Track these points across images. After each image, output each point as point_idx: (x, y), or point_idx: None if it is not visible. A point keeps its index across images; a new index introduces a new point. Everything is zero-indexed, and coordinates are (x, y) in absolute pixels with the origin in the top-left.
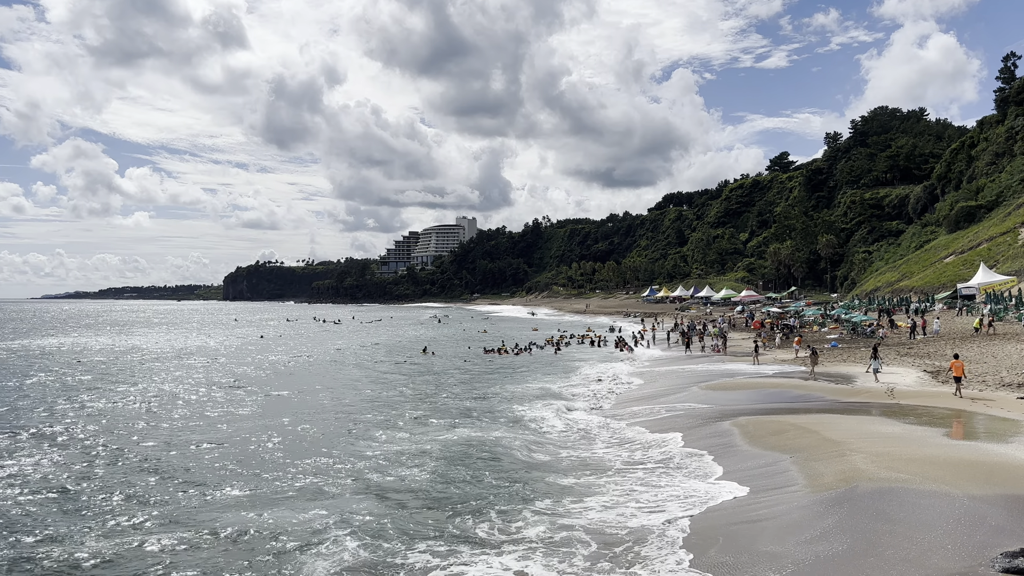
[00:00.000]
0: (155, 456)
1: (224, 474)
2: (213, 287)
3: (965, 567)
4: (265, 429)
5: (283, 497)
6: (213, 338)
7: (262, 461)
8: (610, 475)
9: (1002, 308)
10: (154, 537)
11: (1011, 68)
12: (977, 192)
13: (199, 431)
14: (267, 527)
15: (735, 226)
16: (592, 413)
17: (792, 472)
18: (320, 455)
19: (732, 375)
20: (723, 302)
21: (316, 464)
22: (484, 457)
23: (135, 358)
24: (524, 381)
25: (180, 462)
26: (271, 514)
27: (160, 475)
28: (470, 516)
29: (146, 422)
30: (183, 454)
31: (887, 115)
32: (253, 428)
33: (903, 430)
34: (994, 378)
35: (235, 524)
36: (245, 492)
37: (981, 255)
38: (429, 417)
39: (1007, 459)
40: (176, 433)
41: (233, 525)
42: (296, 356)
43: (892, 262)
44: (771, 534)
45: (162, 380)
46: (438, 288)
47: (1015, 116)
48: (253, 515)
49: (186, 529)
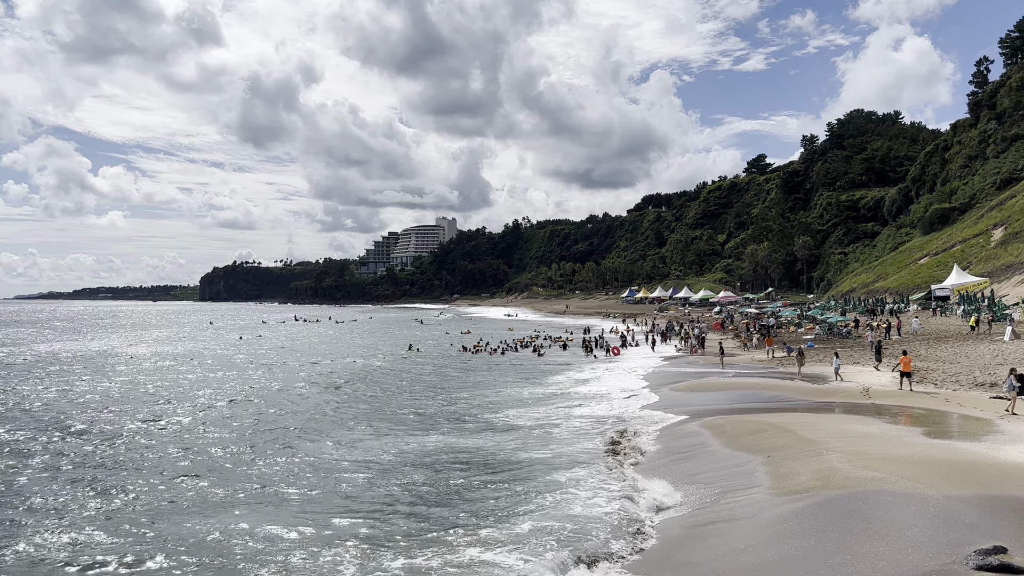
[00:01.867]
0: (116, 463)
1: (181, 481)
2: (189, 288)
3: (940, 565)
4: (243, 434)
5: (242, 503)
6: (191, 343)
7: (230, 465)
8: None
9: (974, 309)
10: (112, 553)
11: (984, 73)
12: (951, 195)
13: (159, 436)
14: (228, 534)
15: (713, 227)
16: (563, 410)
17: (759, 473)
18: (284, 459)
19: (707, 375)
20: (701, 303)
21: (276, 469)
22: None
23: (102, 363)
24: (496, 386)
25: (139, 468)
26: (225, 521)
27: (118, 483)
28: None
29: (105, 426)
30: (141, 458)
31: (863, 118)
32: (225, 435)
33: (878, 429)
34: (967, 378)
35: (195, 534)
36: (205, 499)
37: (955, 257)
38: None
39: (980, 458)
40: (138, 438)
41: (194, 535)
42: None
43: (867, 263)
44: (748, 533)
45: (130, 384)
46: (418, 289)
47: (988, 120)
48: (216, 523)
49: (141, 540)
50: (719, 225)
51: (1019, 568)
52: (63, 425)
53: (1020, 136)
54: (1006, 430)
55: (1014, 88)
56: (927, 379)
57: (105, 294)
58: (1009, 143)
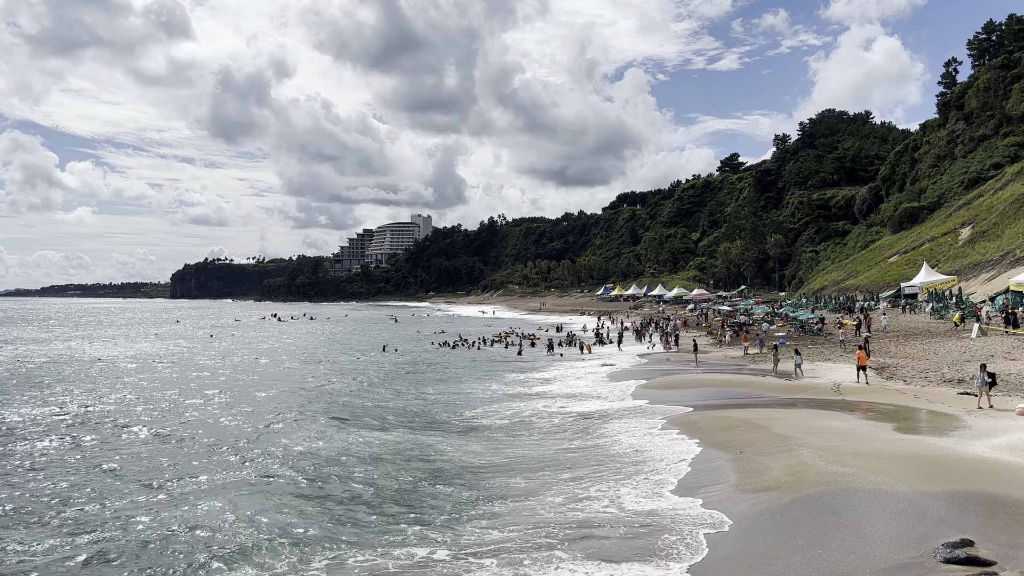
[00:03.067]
0: (70, 457)
1: (142, 476)
2: (160, 285)
3: (909, 558)
4: (204, 427)
5: (196, 497)
6: (159, 343)
7: (188, 461)
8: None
9: (943, 307)
10: (66, 544)
11: (952, 74)
12: (920, 194)
13: (125, 433)
14: (176, 529)
15: (687, 226)
16: (531, 405)
17: (728, 469)
18: (246, 454)
19: (680, 372)
20: (675, 300)
21: (238, 463)
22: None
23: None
24: (460, 382)
25: (97, 464)
26: (182, 516)
27: (76, 478)
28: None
29: (64, 425)
30: (95, 456)
31: (834, 118)
32: (191, 428)
33: (849, 425)
34: (936, 374)
35: (150, 529)
36: (163, 494)
37: (924, 255)
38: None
39: (948, 453)
40: (93, 435)
41: (149, 530)
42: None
43: (838, 261)
44: (725, 531)
45: (90, 383)
46: (393, 286)
47: (956, 120)
48: (169, 516)
49: (95, 534)
50: (693, 223)
51: (985, 560)
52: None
53: (987, 136)
54: (973, 425)
55: (981, 89)
56: (896, 376)
57: (74, 291)
58: (977, 143)
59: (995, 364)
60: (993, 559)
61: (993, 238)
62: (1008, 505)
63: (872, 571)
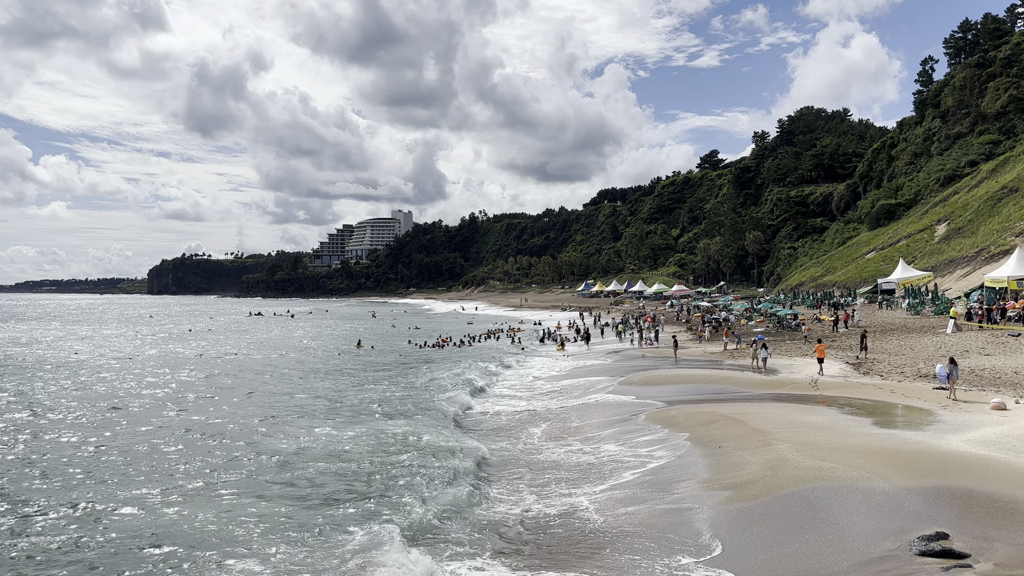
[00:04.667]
0: (48, 454)
1: (124, 473)
2: (137, 281)
3: (885, 551)
4: (191, 423)
5: (187, 496)
6: (137, 341)
7: (177, 459)
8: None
9: (919, 303)
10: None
11: (929, 72)
12: (897, 191)
13: (100, 429)
14: (160, 528)
15: (667, 222)
16: (499, 404)
17: (702, 465)
18: (236, 451)
19: (658, 368)
20: (655, 296)
21: (224, 461)
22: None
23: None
24: (446, 370)
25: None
26: (160, 516)
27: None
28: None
29: (40, 420)
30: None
31: (813, 115)
32: (177, 426)
33: (826, 420)
34: (912, 369)
35: (141, 527)
36: (152, 492)
37: (900, 251)
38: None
39: (923, 447)
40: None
41: (142, 527)
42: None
43: (816, 258)
44: (698, 520)
45: (67, 380)
46: (373, 282)
47: (932, 118)
48: (162, 515)
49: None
50: (673, 219)
51: (960, 553)
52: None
53: (963, 134)
54: (947, 420)
55: (957, 87)
56: (873, 371)
57: (49, 287)
58: (952, 141)
59: (970, 359)
60: (967, 551)
61: (968, 235)
62: (982, 498)
63: (849, 564)
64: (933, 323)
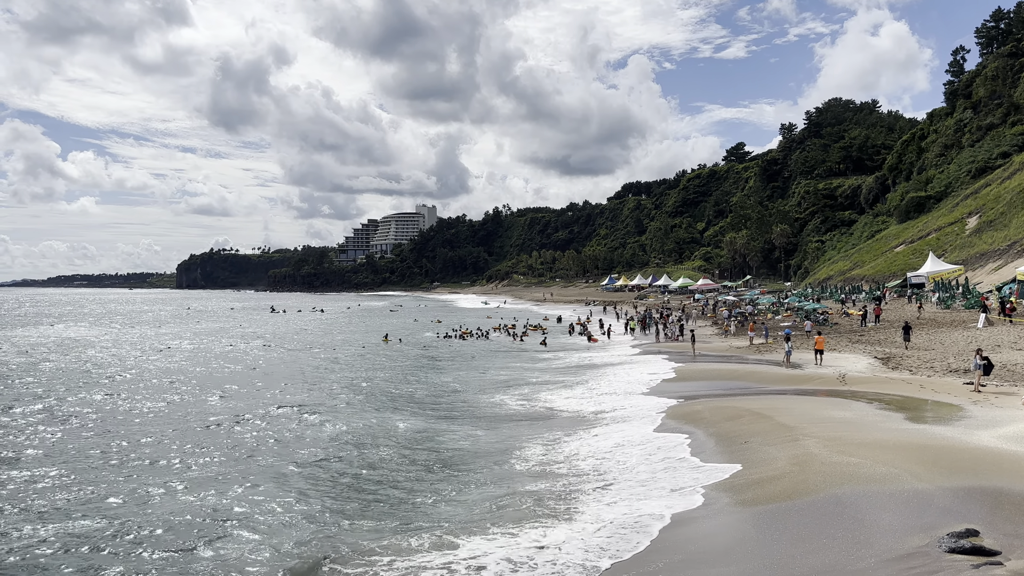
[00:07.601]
0: (84, 443)
1: (161, 462)
2: (166, 275)
3: (914, 547)
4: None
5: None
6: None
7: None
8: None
9: (949, 296)
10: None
11: (960, 62)
12: (927, 183)
13: (145, 423)
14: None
15: (692, 215)
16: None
17: (735, 457)
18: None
19: (679, 363)
20: (680, 290)
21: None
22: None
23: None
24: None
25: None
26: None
27: (99, 460)
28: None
29: (88, 410)
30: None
31: (840, 106)
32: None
33: (854, 415)
34: (942, 364)
35: (180, 512)
36: (194, 478)
37: (930, 244)
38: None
39: (953, 443)
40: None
41: (179, 513)
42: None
43: (844, 251)
44: (723, 519)
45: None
46: (398, 276)
47: (963, 109)
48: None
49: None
50: (698, 213)
51: (990, 551)
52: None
53: (995, 125)
54: (978, 415)
55: (989, 78)
56: (902, 366)
57: (80, 281)
58: (984, 132)
59: (1001, 354)
60: (998, 549)
61: (1000, 228)
62: (1013, 495)
63: (877, 560)
64: (964, 317)
